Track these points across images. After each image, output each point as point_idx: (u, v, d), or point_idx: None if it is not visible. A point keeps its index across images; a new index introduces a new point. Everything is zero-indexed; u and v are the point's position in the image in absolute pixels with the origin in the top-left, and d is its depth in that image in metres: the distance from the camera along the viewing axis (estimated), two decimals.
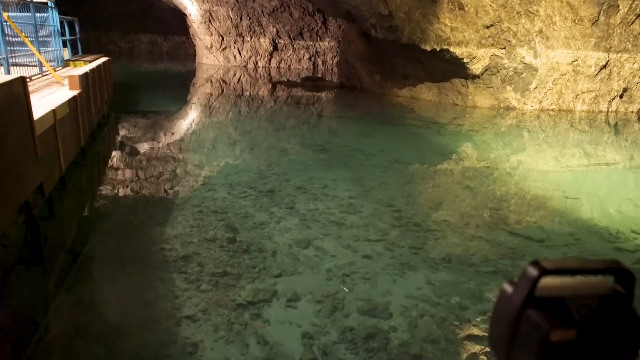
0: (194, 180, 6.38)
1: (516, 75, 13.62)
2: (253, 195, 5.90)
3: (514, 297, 0.50)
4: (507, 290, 0.51)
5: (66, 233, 4.73)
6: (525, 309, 0.49)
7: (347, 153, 8.43)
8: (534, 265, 0.50)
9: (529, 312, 0.49)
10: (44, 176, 4.61)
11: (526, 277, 0.49)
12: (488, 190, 7.08)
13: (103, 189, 6.15)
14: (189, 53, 34.48)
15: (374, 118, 12.63)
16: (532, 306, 0.49)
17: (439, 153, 9.15)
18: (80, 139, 6.93)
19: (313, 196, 6.07)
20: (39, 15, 9.70)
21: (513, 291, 0.51)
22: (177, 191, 5.94)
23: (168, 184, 6.22)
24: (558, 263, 0.50)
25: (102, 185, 6.31)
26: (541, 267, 0.49)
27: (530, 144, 10.62)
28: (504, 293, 0.52)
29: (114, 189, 6.09)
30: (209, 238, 4.62)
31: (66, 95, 6.66)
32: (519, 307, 0.49)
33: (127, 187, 6.15)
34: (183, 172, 6.80)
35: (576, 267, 0.50)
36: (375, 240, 4.98)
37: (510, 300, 0.50)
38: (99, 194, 6.03)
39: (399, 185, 6.95)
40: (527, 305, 0.49)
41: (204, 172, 6.77)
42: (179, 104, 15.04)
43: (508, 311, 0.50)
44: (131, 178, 6.54)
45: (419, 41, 12.40)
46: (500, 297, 0.52)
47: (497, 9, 12.27)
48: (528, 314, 0.49)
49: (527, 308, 0.49)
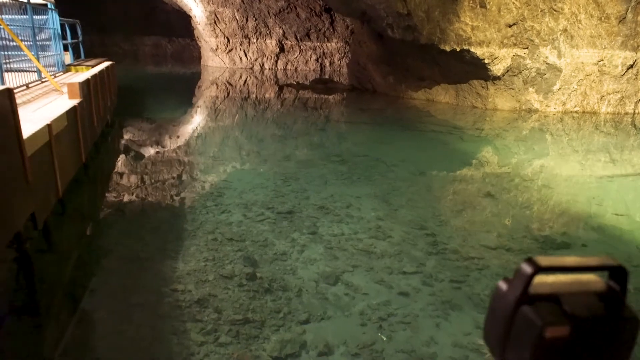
0: (206, 200, 5.79)
1: (539, 76, 12.95)
2: (271, 217, 5.31)
3: (508, 294, 0.50)
4: (502, 288, 0.52)
5: (65, 271, 4.15)
6: (519, 306, 0.49)
7: (368, 164, 7.82)
8: (528, 262, 0.50)
9: (524, 310, 0.49)
10: (37, 204, 4.04)
11: (521, 275, 0.50)
12: (525, 206, 6.45)
13: (106, 213, 5.58)
14: (193, 55, 33.97)
15: (391, 123, 12.01)
16: (526, 303, 0.49)
17: (465, 162, 8.53)
18: (81, 153, 6.37)
19: (337, 217, 5.47)
20: (37, 17, 9.17)
21: (508, 288, 0.51)
22: (189, 214, 5.36)
23: (178, 205, 5.64)
24: (552, 260, 0.50)
25: (106, 208, 5.74)
26: (535, 265, 0.49)
27: (558, 150, 9.96)
28: (499, 290, 0.52)
29: (118, 212, 5.52)
30: (226, 274, 4.03)
31: (65, 105, 6.10)
32: (514, 305, 0.49)
33: (133, 210, 5.58)
34: (194, 190, 6.22)
35: (570, 264, 0.51)
36: (411, 272, 4.38)
37: (505, 298, 0.50)
38: (102, 219, 5.46)
39: (428, 202, 6.34)
40: (521, 303, 0.49)
41: (216, 190, 6.18)
42: (185, 107, 14.51)
43: (503, 308, 0.50)
44: (137, 198, 5.97)
45: (438, 41, 11.76)
46: (495, 295, 0.52)
47: (520, 7, 11.62)
48: (523, 311, 0.49)
49: (522, 305, 0.49)
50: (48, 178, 4.56)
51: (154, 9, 33.38)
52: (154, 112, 12.60)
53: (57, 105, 6.07)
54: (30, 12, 7.92)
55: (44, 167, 4.43)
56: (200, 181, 6.50)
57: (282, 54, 27.76)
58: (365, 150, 8.84)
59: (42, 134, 4.51)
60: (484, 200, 6.49)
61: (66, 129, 5.52)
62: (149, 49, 34.95)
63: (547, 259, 0.50)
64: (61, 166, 5.03)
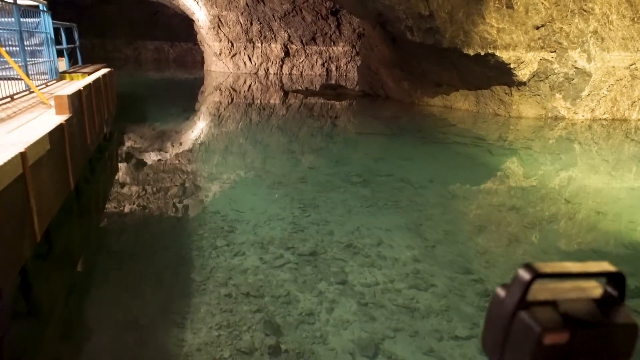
0: (216, 237, 4.93)
1: (566, 82, 12.07)
2: (292, 261, 4.47)
3: (506, 300, 0.50)
4: (500, 294, 0.51)
5: (46, 346, 3.31)
6: (517, 312, 0.49)
7: (392, 186, 6.98)
8: (526, 268, 0.50)
9: (522, 316, 0.48)
10: (7, 260, 3.21)
11: (518, 281, 0.49)
12: (582, 237, 5.60)
13: (99, 255, 4.75)
14: (196, 60, 33.23)
15: (410, 134, 11.15)
16: (524, 309, 0.48)
17: (500, 182, 7.67)
18: (69, 180, 5.52)
19: (367, 260, 4.62)
20: (27, 20, 8.39)
21: (506, 295, 0.50)
22: (197, 257, 4.50)
23: (184, 244, 4.79)
24: (550, 266, 0.50)
25: (98, 247, 4.92)
26: (533, 271, 0.49)
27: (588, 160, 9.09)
28: (497, 297, 0.52)
29: (113, 253, 4.69)
30: (245, 348, 3.19)
31: (50, 122, 5.26)
32: (512, 311, 0.49)
33: (130, 250, 4.74)
34: (201, 222, 5.36)
35: (568, 270, 0.50)
36: (464, 337, 3.54)
37: (503, 304, 0.50)
38: (93, 263, 4.63)
39: (468, 235, 5.49)
40: (519, 309, 0.49)
41: (227, 223, 5.32)
42: (188, 114, 13.73)
43: (501, 315, 0.50)
44: (134, 233, 5.13)
45: (462, 45, 10.89)
46: (493, 301, 0.52)
47: (549, 7, 10.75)
48: (521, 317, 0.48)
49: (520, 311, 0.48)
50: (20, 223, 3.72)
51: (155, 13, 32.69)
52: (155, 122, 11.79)
53: (40, 123, 5.23)
54: (17, 14, 7.12)
55: (14, 210, 3.60)
56: (209, 211, 5.65)
57: (287, 58, 26.96)
58: (387, 168, 7.99)
59: (12, 167, 3.67)
60: (532, 233, 5.63)
61: (49, 154, 4.68)
62: (151, 53, 34.25)
63: (545, 264, 0.49)
64: (41, 202, 4.20)
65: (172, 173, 7.36)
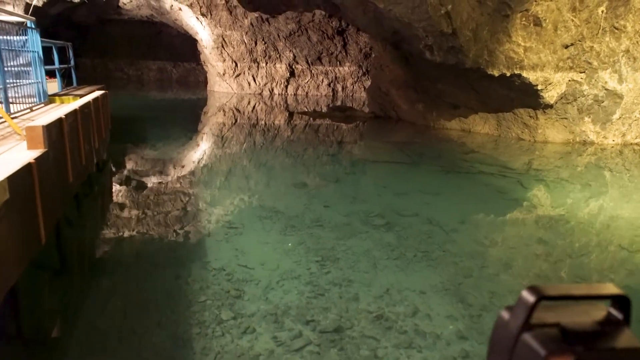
0: (221, 306, 3.95)
1: (596, 104, 11.19)
2: (312, 342, 3.50)
3: (510, 323, 0.49)
4: (504, 317, 0.50)
5: None
6: (521, 334, 0.47)
7: (420, 229, 6.04)
8: (530, 290, 0.48)
9: (526, 338, 0.47)
10: None
11: (522, 303, 0.48)
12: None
13: (71, 340, 3.81)
14: (199, 80, 32.67)
15: (430, 162, 10.23)
16: (528, 332, 0.47)
17: (540, 222, 6.71)
18: (39, 234, 4.58)
19: (404, 339, 3.65)
20: (11, 38, 7.64)
21: (510, 317, 0.49)
22: (197, 337, 3.52)
23: (182, 319, 3.82)
24: (555, 289, 0.48)
25: (72, 329, 3.98)
26: (537, 293, 0.48)
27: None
28: (501, 319, 0.50)
29: (90, 334, 3.73)
30: None
31: (17, 161, 4.37)
32: (516, 334, 0.47)
33: (114, 332, 3.78)
34: (202, 284, 4.38)
35: (573, 292, 0.49)
36: None
37: (507, 327, 0.49)
38: (61, 356, 3.69)
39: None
40: (523, 331, 0.47)
41: (233, 284, 4.35)
42: (190, 136, 12.93)
43: (505, 337, 0.48)
44: (122, 306, 4.18)
45: (486, 65, 10.05)
46: (497, 324, 0.51)
47: (580, 25, 9.93)
48: (525, 340, 0.47)
49: (524, 334, 0.47)
50: None
51: (158, 33, 32.28)
52: (153, 147, 10.94)
53: (2, 163, 4.33)
54: None
55: None
56: (212, 268, 4.69)
57: (292, 78, 26.29)
58: (411, 206, 7.05)
59: None
60: None
61: (7, 204, 3.77)
62: (154, 73, 33.73)
63: (550, 286, 0.48)
64: None
65: (169, 214, 6.45)
